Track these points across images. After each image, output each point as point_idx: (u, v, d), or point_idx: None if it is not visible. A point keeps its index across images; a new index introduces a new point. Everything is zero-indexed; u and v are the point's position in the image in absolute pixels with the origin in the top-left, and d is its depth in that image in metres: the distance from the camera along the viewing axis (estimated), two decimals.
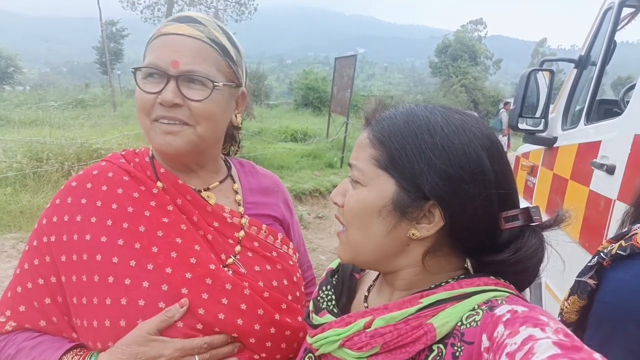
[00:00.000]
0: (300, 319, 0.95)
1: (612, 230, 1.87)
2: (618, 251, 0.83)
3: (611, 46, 2.38)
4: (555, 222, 0.68)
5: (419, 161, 0.64)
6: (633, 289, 0.79)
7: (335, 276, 0.87)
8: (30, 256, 0.91)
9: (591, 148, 2.18)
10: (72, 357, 0.84)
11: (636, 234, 0.83)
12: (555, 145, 2.72)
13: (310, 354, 0.80)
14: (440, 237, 0.67)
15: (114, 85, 21.13)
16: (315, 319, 0.78)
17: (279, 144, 10.36)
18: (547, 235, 0.69)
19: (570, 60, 2.78)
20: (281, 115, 16.13)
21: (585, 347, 0.48)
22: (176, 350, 0.81)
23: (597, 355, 0.47)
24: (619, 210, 1.82)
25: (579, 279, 0.89)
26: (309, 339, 0.78)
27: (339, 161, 9.26)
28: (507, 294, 0.65)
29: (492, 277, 0.68)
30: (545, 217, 0.68)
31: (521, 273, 0.68)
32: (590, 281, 0.85)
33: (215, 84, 0.91)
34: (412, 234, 0.67)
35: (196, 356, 0.82)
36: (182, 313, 0.84)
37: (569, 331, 0.52)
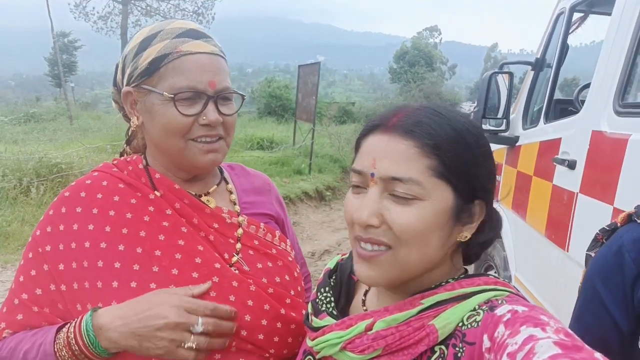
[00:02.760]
0: (304, 312, 0.96)
1: (576, 222, 1.99)
2: (605, 227, 0.96)
3: (565, 49, 2.54)
4: None
5: (470, 164, 0.66)
6: (596, 260, 0.94)
7: (334, 277, 0.86)
8: (25, 268, 0.90)
9: (552, 145, 2.30)
10: (67, 326, 0.84)
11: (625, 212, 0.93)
12: (517, 144, 2.86)
13: (310, 356, 0.80)
14: None
15: (69, 98, 20.32)
16: (315, 321, 0.78)
17: (246, 152, 10.27)
18: (517, 229, 0.79)
19: (528, 63, 2.93)
20: (245, 124, 15.99)
21: (586, 346, 0.49)
22: (180, 298, 0.83)
23: (597, 354, 0.47)
24: (582, 202, 1.95)
25: (587, 252, 1.02)
26: (309, 342, 0.77)
27: (307, 168, 9.27)
28: (507, 293, 0.65)
29: (491, 277, 0.69)
30: (510, 213, 0.78)
31: (482, 248, 0.74)
32: (592, 254, 0.99)
33: (244, 95, 0.99)
34: (464, 237, 0.68)
35: (199, 318, 0.81)
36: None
37: (569, 330, 0.53)
